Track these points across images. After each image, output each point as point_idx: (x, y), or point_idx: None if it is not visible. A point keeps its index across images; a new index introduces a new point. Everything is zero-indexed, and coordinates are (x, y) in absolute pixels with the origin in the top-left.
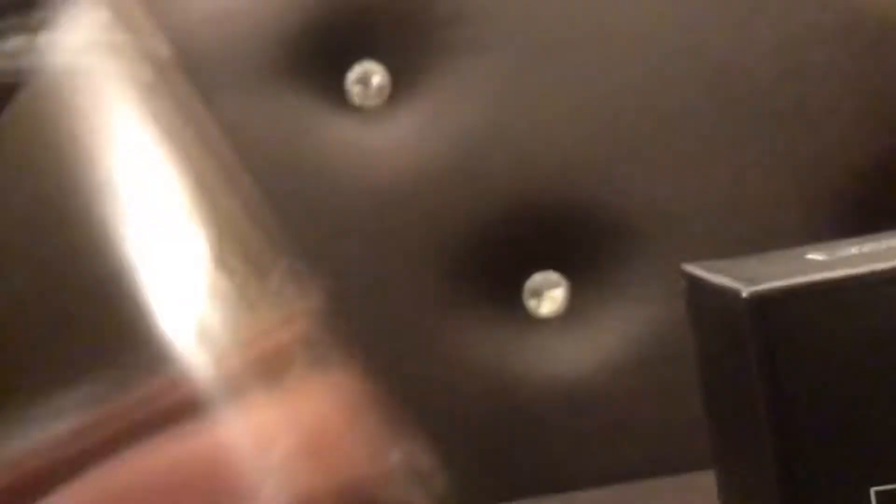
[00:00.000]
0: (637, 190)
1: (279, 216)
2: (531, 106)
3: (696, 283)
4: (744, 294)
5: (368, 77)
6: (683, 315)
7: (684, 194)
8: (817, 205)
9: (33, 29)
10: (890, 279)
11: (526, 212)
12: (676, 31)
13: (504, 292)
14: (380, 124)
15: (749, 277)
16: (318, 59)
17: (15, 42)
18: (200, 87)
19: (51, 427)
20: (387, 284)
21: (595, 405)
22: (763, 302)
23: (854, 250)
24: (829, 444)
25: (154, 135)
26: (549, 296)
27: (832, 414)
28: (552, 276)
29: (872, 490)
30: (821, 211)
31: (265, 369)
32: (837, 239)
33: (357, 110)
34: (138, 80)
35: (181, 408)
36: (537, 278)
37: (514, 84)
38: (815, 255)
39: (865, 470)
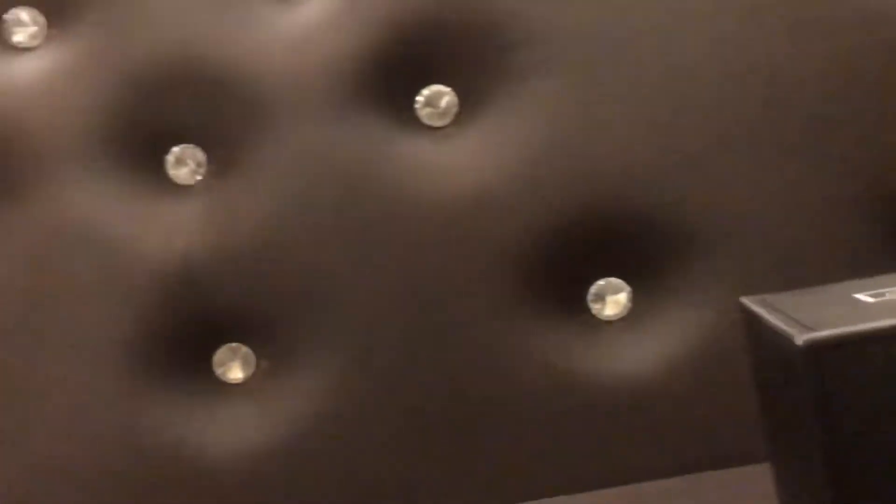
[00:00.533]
0: (695, 199)
1: (359, 229)
2: (593, 122)
3: (752, 318)
4: (798, 342)
5: (437, 98)
6: (735, 321)
7: (741, 203)
8: (873, 212)
9: None
10: None
11: (589, 221)
12: (733, 49)
13: (569, 296)
14: (449, 144)
15: (802, 322)
16: (389, 83)
17: None
18: (281, 113)
19: None
20: (461, 290)
21: (654, 403)
22: (817, 350)
23: None
24: (879, 480)
25: None
26: (612, 300)
27: (883, 452)
28: (615, 281)
29: None
30: (877, 218)
31: None
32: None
33: (427, 130)
34: None
35: None
36: (601, 283)
37: (577, 102)
38: (862, 297)
39: None
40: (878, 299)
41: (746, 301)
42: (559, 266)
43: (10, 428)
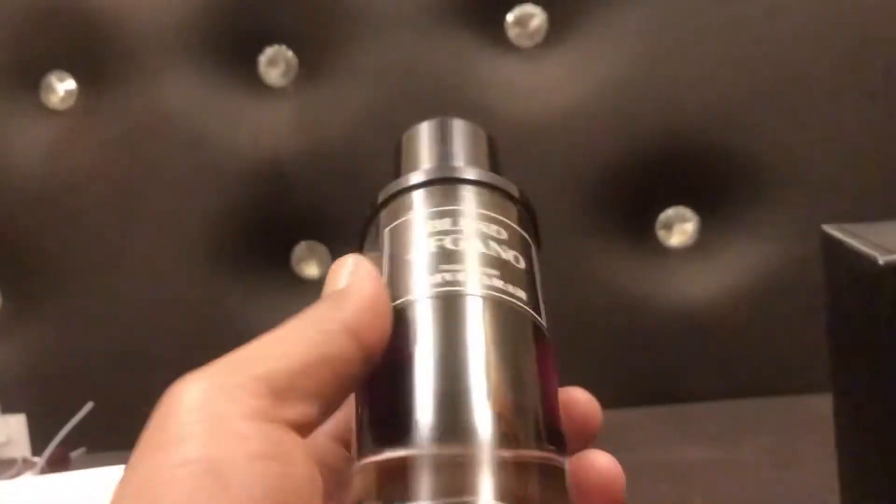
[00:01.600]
0: (769, 137)
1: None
2: (677, 54)
3: (833, 244)
4: (880, 262)
5: (527, 19)
6: (799, 255)
7: (815, 143)
8: None
9: None
10: None
11: (664, 151)
12: None
13: (638, 223)
14: (535, 64)
15: (883, 246)
16: (481, 1)
17: None
18: (374, 22)
19: None
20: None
21: (714, 329)
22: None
23: None
24: None
25: None
26: (679, 229)
27: None
28: (684, 210)
29: None
30: None
31: None
32: None
33: (515, 50)
34: None
35: None
36: (670, 212)
37: (663, 34)
38: None
39: None
40: None
41: (827, 228)
42: (632, 191)
43: (101, 298)
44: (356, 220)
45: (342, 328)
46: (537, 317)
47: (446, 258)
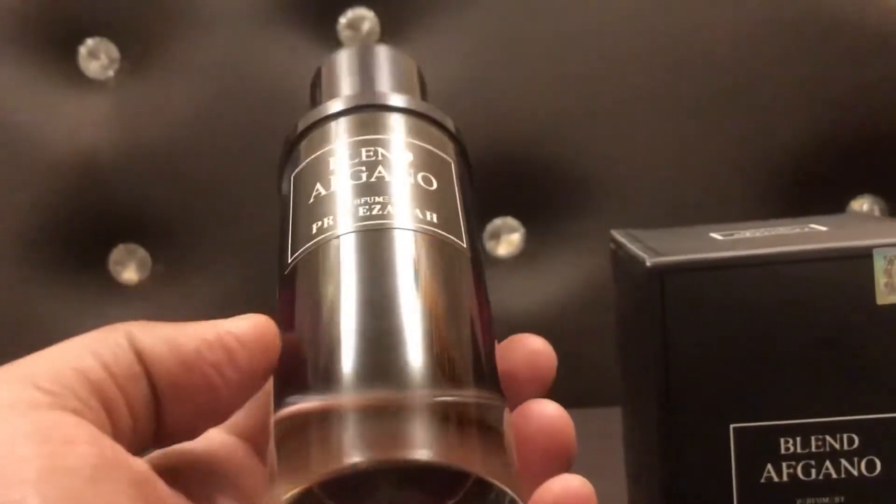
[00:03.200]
0: (595, 151)
1: (268, 141)
2: (506, 63)
3: (619, 247)
4: (647, 263)
5: (359, 22)
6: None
7: (638, 160)
8: (755, 177)
9: None
10: (761, 262)
11: (492, 161)
12: (650, 12)
13: None
14: None
15: (655, 249)
16: (314, 2)
17: None
18: (202, 17)
19: None
20: None
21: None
22: (661, 270)
23: (748, 234)
24: (700, 388)
25: None
26: (506, 239)
27: (706, 365)
28: (511, 221)
29: (731, 426)
30: (758, 183)
31: None
32: (771, 210)
33: None
34: None
35: None
36: (497, 222)
37: (492, 46)
38: (716, 235)
39: (727, 411)
40: (728, 237)
41: (615, 232)
42: None
43: None
44: (178, 221)
45: (124, 333)
46: (471, 253)
47: (371, 190)
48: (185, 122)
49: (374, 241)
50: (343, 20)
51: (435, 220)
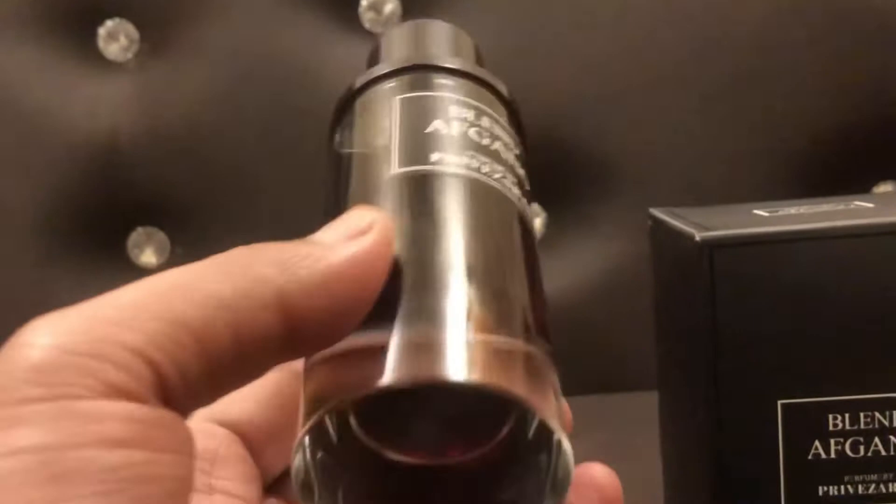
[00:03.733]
0: (617, 135)
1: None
2: (530, 46)
3: (659, 225)
4: (697, 238)
5: (381, 5)
6: (644, 252)
7: (660, 143)
8: (780, 162)
9: None
10: (812, 237)
11: None
12: None
13: None
14: None
15: (702, 225)
16: None
17: None
18: (226, 7)
19: None
20: None
21: (559, 324)
22: (711, 245)
23: (793, 210)
24: (748, 364)
25: None
26: None
27: (755, 341)
28: (533, 206)
29: (779, 402)
30: (783, 168)
31: None
32: (794, 195)
33: (369, 35)
34: None
35: None
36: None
37: (518, 24)
38: (760, 211)
39: (775, 387)
40: (772, 213)
41: (655, 210)
42: None
43: None
44: (197, 205)
45: (274, 297)
46: (526, 212)
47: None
48: (205, 105)
49: (483, 194)
50: (364, 2)
51: (494, 174)
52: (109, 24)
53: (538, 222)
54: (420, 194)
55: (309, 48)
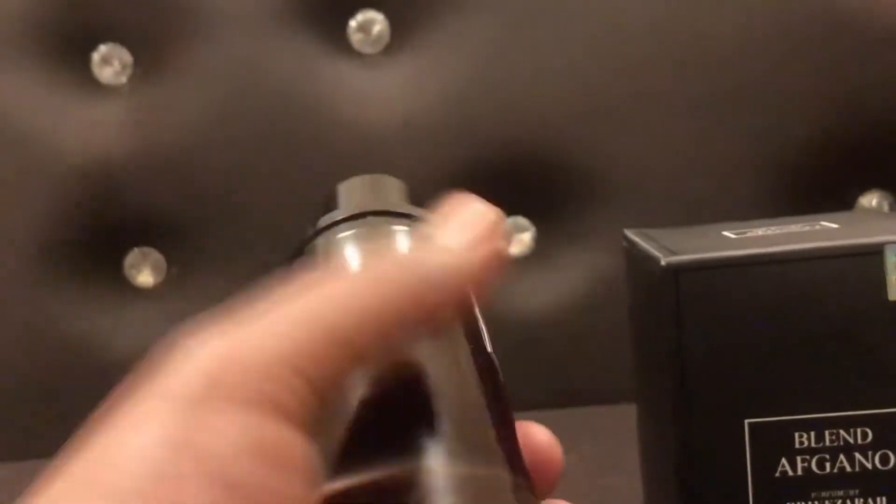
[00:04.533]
0: (605, 149)
1: (280, 144)
2: (518, 64)
3: (632, 245)
4: (662, 262)
5: (369, 25)
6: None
7: (646, 158)
8: (766, 175)
9: None
10: (776, 260)
11: (503, 161)
12: (660, 10)
13: None
14: (377, 71)
15: (669, 249)
16: (325, 5)
17: None
18: (213, 21)
19: None
20: None
21: (546, 339)
22: (676, 270)
23: (760, 231)
24: (715, 384)
25: None
26: (517, 238)
27: (721, 362)
28: (521, 220)
29: (746, 422)
30: (767, 180)
31: None
32: (780, 207)
33: (357, 56)
34: None
35: None
36: (508, 222)
37: (506, 42)
38: (728, 233)
39: (742, 406)
40: (740, 235)
41: (628, 232)
42: None
43: None
44: (192, 225)
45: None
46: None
47: None
48: (198, 127)
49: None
50: (353, 23)
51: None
52: (103, 48)
53: (526, 237)
54: None
55: (299, 69)
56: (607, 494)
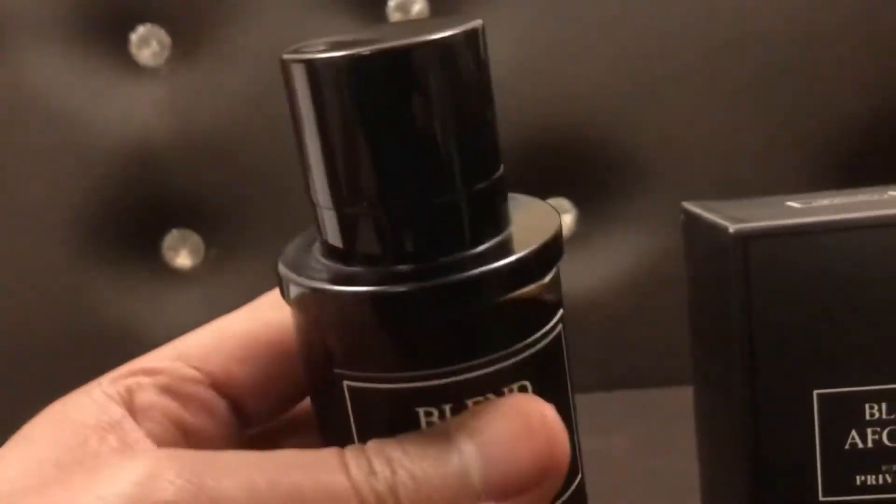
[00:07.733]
0: (648, 129)
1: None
2: (558, 42)
3: (692, 219)
4: (730, 230)
5: (409, 4)
6: (676, 248)
7: (691, 137)
8: (812, 154)
9: None
10: (846, 227)
11: (544, 143)
12: None
13: None
14: None
15: (735, 217)
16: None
17: None
18: (257, 10)
19: None
20: None
21: (592, 322)
22: (745, 237)
23: (826, 202)
24: (784, 355)
25: None
26: None
27: (790, 332)
28: (563, 202)
29: (815, 392)
30: (814, 160)
31: None
32: (826, 187)
33: None
34: None
35: None
36: (550, 202)
37: (545, 20)
38: (793, 203)
39: (810, 377)
40: (806, 205)
41: (687, 204)
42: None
43: None
44: (230, 207)
45: None
46: None
47: None
48: (237, 108)
49: None
50: (392, 2)
51: None
52: (141, 29)
53: (569, 218)
54: None
55: None
56: (659, 476)
